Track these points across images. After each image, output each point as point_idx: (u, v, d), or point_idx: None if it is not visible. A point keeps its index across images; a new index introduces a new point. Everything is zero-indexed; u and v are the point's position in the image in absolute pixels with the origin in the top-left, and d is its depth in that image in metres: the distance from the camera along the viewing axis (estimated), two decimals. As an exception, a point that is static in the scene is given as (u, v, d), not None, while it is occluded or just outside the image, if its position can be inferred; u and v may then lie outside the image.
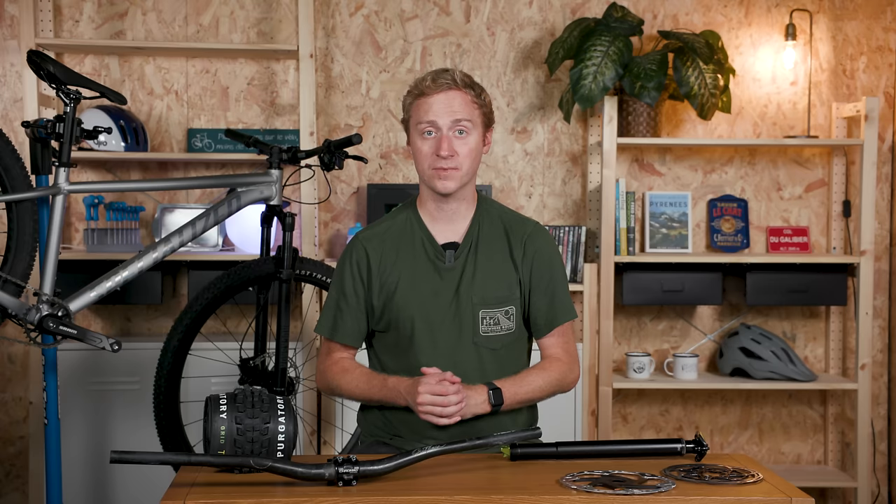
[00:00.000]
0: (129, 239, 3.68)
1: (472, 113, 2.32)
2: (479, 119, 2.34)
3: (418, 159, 2.33)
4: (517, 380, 2.31)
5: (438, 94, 2.30)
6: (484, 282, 2.35)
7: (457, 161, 2.30)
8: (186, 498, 1.79)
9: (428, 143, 2.31)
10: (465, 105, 2.31)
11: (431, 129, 2.31)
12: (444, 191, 2.32)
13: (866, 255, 3.80)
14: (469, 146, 2.31)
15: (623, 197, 3.81)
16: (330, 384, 2.40)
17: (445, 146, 2.29)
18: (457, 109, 2.30)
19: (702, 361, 4.04)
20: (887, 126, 4.03)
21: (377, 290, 2.37)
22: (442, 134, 2.30)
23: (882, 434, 4.09)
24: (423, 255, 2.37)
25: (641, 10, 3.97)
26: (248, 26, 3.89)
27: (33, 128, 2.79)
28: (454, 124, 2.30)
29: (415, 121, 2.33)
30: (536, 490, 1.85)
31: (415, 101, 2.34)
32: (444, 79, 2.31)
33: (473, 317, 2.33)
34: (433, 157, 2.30)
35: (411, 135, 2.36)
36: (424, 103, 2.31)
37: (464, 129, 2.31)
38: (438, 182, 2.31)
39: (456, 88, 2.31)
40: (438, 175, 2.30)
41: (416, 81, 2.35)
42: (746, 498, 1.84)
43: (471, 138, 2.32)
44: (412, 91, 2.35)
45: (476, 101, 2.33)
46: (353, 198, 3.95)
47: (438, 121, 2.29)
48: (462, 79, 2.32)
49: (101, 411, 3.58)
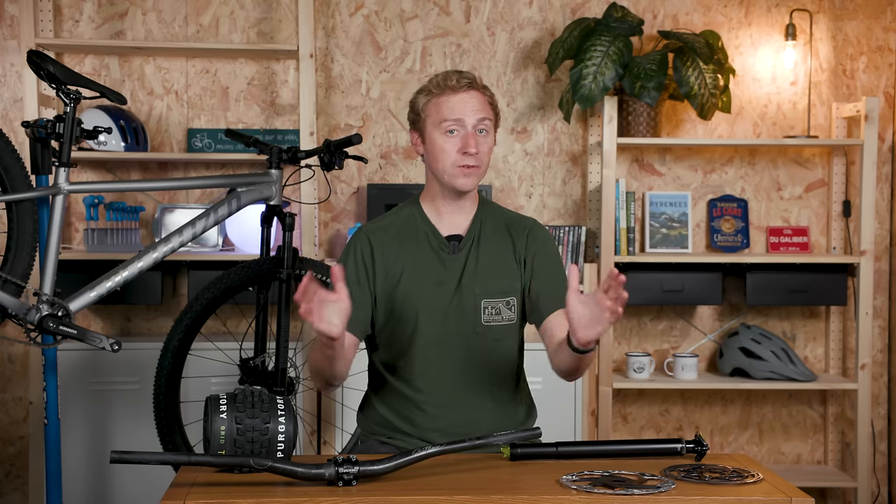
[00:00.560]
0: (129, 239, 3.68)
1: (491, 113, 2.36)
2: (494, 120, 2.38)
3: (439, 157, 2.33)
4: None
5: (462, 94, 2.32)
6: (486, 272, 2.36)
7: (479, 159, 2.33)
8: (186, 498, 1.79)
9: (452, 142, 2.32)
10: (484, 105, 2.35)
11: (456, 128, 2.32)
12: (465, 188, 2.34)
13: (866, 255, 3.80)
14: (489, 145, 2.36)
15: (623, 197, 3.81)
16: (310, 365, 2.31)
17: (473, 143, 2.30)
18: (479, 108, 2.33)
19: (702, 361, 4.04)
20: (887, 126, 4.03)
21: (381, 280, 2.37)
22: (468, 132, 2.31)
23: (882, 434, 4.09)
24: (426, 245, 2.38)
25: (641, 10, 3.97)
26: (248, 26, 3.89)
27: (33, 128, 2.79)
28: (479, 123, 2.32)
29: (435, 119, 2.33)
30: (536, 490, 1.85)
31: (432, 99, 2.34)
32: (466, 78, 2.34)
33: (476, 306, 2.35)
34: (458, 155, 2.31)
35: (429, 133, 2.34)
36: (447, 102, 2.32)
37: (485, 129, 2.34)
38: (461, 179, 2.32)
39: (476, 89, 2.35)
40: (463, 172, 2.31)
41: (435, 80, 2.36)
42: (746, 498, 1.84)
43: (490, 138, 2.36)
44: (428, 90, 2.35)
45: (491, 102, 2.38)
46: (353, 198, 3.95)
47: (466, 119, 2.31)
48: (480, 80, 2.37)
49: (101, 411, 3.57)
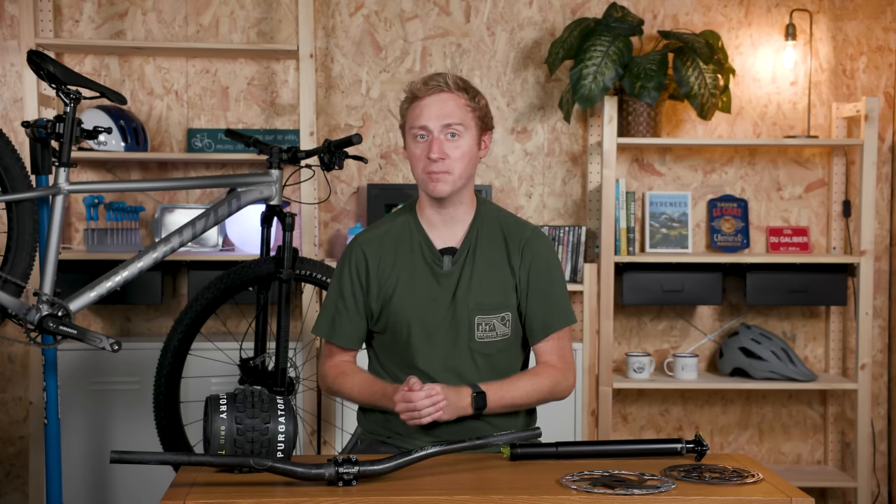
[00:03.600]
0: (129, 239, 3.68)
1: (465, 116, 2.30)
2: (472, 122, 2.32)
3: (412, 164, 2.33)
4: (504, 384, 2.30)
5: (429, 97, 2.29)
6: (480, 288, 2.34)
7: (448, 164, 2.28)
8: (186, 498, 1.79)
9: (420, 147, 2.31)
10: (457, 108, 2.29)
11: (423, 133, 2.30)
12: (436, 194, 2.31)
13: (866, 255, 3.80)
14: (461, 149, 2.30)
15: (623, 197, 3.81)
16: (331, 387, 2.43)
17: (436, 148, 2.27)
18: (448, 112, 2.29)
19: (702, 361, 4.04)
20: (887, 126, 4.03)
21: (375, 294, 2.37)
22: (433, 137, 2.28)
23: (882, 434, 4.09)
24: (420, 259, 2.36)
25: (641, 10, 3.97)
26: (248, 26, 3.89)
27: (33, 128, 2.79)
28: (445, 128, 2.28)
29: (408, 125, 2.33)
30: (536, 490, 1.85)
31: (408, 106, 2.34)
32: (436, 81, 2.30)
33: (469, 322, 2.33)
34: (425, 161, 2.29)
35: (406, 138, 2.36)
36: (417, 107, 2.31)
37: (455, 133, 2.29)
38: (431, 185, 2.30)
39: (448, 91, 2.29)
40: (430, 178, 2.29)
41: (410, 86, 2.35)
42: (746, 498, 1.84)
43: (463, 141, 2.30)
44: (407, 96, 2.35)
45: (470, 104, 2.31)
46: (353, 198, 3.95)
47: (429, 124, 2.28)
48: (455, 82, 2.31)
49: (101, 411, 3.58)
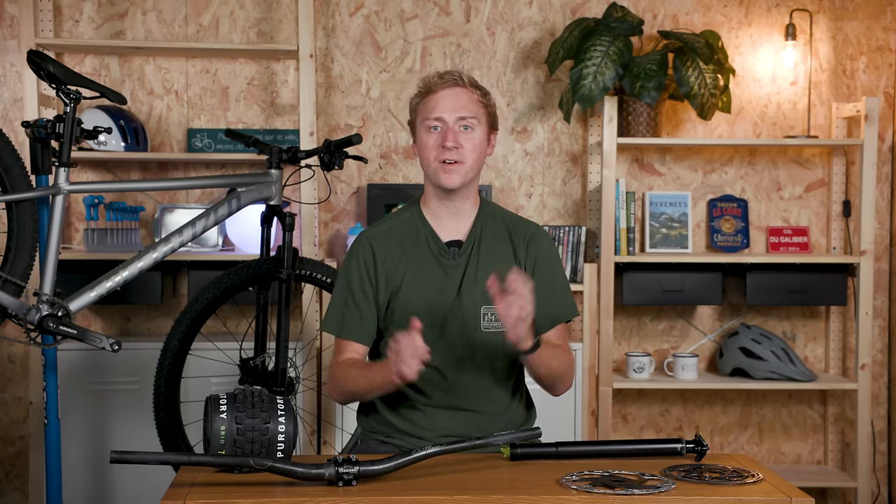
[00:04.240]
0: (129, 239, 3.68)
1: (478, 111, 2.36)
2: (483, 118, 2.37)
3: (423, 154, 2.36)
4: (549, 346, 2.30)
5: (445, 90, 2.34)
6: (486, 278, 2.35)
7: (461, 154, 2.32)
8: (186, 498, 1.79)
9: (434, 137, 2.34)
10: (470, 102, 2.35)
11: (437, 124, 2.34)
12: (448, 185, 2.33)
13: (866, 255, 3.80)
14: (474, 141, 2.34)
15: (623, 197, 3.81)
16: (339, 386, 2.36)
17: (451, 137, 2.31)
18: (462, 105, 2.33)
19: (702, 361, 4.04)
20: (887, 126, 4.03)
21: (384, 286, 2.38)
22: (448, 127, 2.33)
23: (882, 434, 4.09)
24: (427, 251, 2.38)
25: (641, 10, 3.97)
26: (248, 26, 3.89)
27: (33, 128, 2.79)
28: (459, 120, 2.33)
29: (421, 118, 2.36)
30: (536, 490, 1.85)
31: (420, 100, 2.38)
32: (451, 76, 2.36)
33: (475, 312, 2.34)
34: (438, 150, 2.32)
35: (417, 132, 2.38)
36: (431, 100, 2.35)
37: (469, 125, 2.34)
38: (443, 176, 2.32)
39: (462, 86, 2.35)
40: (444, 169, 2.32)
41: (423, 80, 2.40)
42: (746, 498, 1.84)
43: (475, 134, 2.35)
44: (418, 92, 2.39)
45: (482, 100, 2.37)
46: (353, 198, 3.95)
47: (445, 116, 2.33)
48: (469, 78, 2.37)
49: (101, 411, 3.57)
